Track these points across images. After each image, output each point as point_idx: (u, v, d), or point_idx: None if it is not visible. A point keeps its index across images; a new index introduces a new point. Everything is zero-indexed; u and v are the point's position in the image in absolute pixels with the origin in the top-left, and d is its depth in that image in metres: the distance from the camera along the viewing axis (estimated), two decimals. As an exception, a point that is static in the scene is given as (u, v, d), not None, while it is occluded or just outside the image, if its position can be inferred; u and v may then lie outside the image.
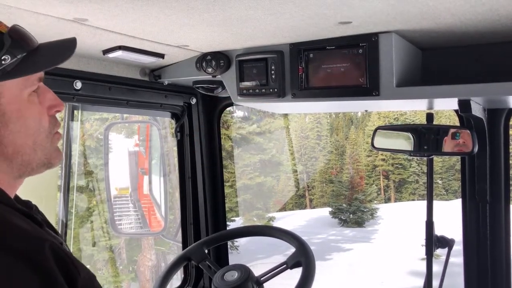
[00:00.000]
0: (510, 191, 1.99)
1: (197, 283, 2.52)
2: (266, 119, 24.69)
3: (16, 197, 1.11)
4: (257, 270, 1.87)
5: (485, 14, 1.38)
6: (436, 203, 2.04)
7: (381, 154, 31.08)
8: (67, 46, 1.09)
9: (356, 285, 17.48)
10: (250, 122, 23.82)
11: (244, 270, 1.77)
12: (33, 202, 1.15)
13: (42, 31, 1.44)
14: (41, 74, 1.07)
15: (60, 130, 1.15)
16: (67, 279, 0.91)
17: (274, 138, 26.19)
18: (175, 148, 2.58)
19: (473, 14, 1.38)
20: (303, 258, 1.79)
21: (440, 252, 2.04)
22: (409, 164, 31.59)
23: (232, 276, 1.76)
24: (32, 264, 0.87)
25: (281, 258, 1.90)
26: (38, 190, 1.20)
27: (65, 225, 2.15)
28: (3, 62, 0.97)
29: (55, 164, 1.11)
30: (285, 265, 1.83)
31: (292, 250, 1.87)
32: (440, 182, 29.97)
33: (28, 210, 1.04)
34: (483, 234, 1.99)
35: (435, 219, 1.99)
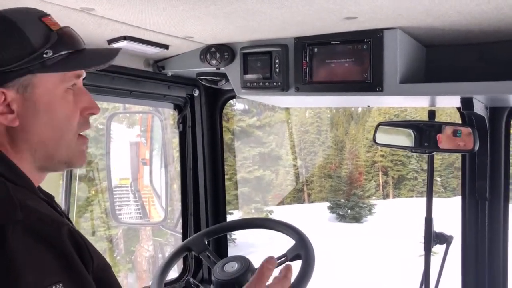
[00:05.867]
0: (509, 190, 2.00)
1: (196, 274, 2.54)
2: (266, 112, 24.68)
3: (39, 188, 1.14)
4: (257, 262, 1.88)
5: (490, 12, 1.39)
6: (434, 200, 2.05)
7: (381, 150, 31.06)
8: (109, 53, 1.16)
9: (353, 280, 17.55)
10: (250, 115, 23.81)
11: (244, 262, 1.78)
12: None
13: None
14: (79, 74, 1.12)
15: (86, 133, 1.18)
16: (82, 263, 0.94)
17: (273, 131, 26.20)
18: (174, 140, 2.59)
19: (478, 12, 1.39)
20: (303, 251, 1.80)
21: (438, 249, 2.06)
22: (408, 161, 31.57)
23: (232, 267, 1.77)
24: (52, 246, 0.90)
25: (280, 251, 1.91)
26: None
27: (67, 214, 2.16)
28: (44, 55, 1.03)
29: (76, 165, 1.15)
30: (284, 258, 1.84)
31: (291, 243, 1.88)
32: (438, 179, 29.98)
33: (49, 200, 1.08)
34: (481, 231, 2.00)
35: (433, 216, 2.01)
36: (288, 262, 1.67)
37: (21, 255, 0.87)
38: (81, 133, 1.14)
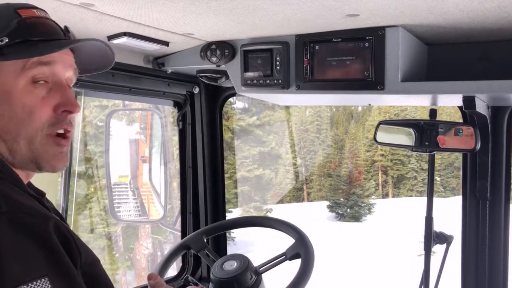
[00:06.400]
0: (510, 189, 1.99)
1: (195, 272, 2.53)
2: (266, 111, 24.65)
3: (29, 183, 1.12)
4: (256, 260, 1.87)
5: (493, 11, 1.38)
6: (433, 200, 2.04)
7: (381, 150, 31.06)
8: (71, 42, 1.08)
9: (352, 280, 17.56)
10: (250, 114, 23.79)
11: (243, 260, 1.77)
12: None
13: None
14: (46, 61, 1.04)
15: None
16: (68, 258, 0.92)
17: (273, 130, 26.17)
18: (174, 138, 2.57)
19: (481, 10, 1.38)
20: (302, 250, 1.79)
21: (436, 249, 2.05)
22: (408, 160, 31.55)
23: (231, 265, 1.76)
24: (38, 240, 0.88)
25: (279, 250, 1.91)
26: (40, 175, 1.19)
27: (65, 211, 2.15)
28: (0, 42, 0.99)
29: (45, 167, 1.06)
30: (284, 256, 1.83)
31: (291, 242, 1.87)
32: (438, 179, 29.93)
33: (38, 196, 1.05)
34: (482, 231, 1.99)
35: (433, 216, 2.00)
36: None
37: (6, 247, 0.85)
38: (58, 133, 1.06)
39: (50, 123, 1.04)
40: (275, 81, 1.84)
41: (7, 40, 0.99)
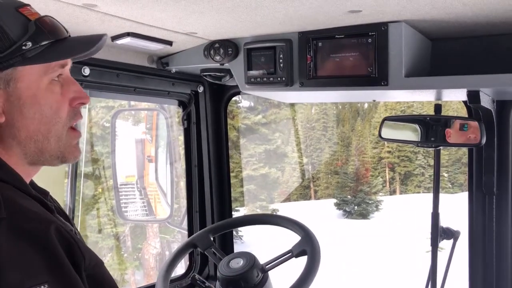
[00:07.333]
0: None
1: (202, 270, 2.54)
2: (271, 109, 24.64)
3: (32, 183, 1.12)
4: (263, 258, 1.88)
5: (497, 4, 1.37)
6: (441, 196, 2.03)
7: (387, 146, 30.96)
8: (93, 40, 1.09)
9: (360, 277, 17.54)
10: (255, 112, 23.79)
11: (250, 258, 1.78)
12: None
13: (51, 16, 1.44)
14: (64, 64, 1.07)
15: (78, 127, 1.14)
16: (71, 262, 0.91)
17: (279, 128, 26.15)
18: (180, 137, 2.58)
19: (484, 3, 1.37)
20: (308, 247, 1.79)
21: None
22: (415, 156, 31.39)
23: (238, 263, 1.76)
24: (38, 245, 0.88)
25: (285, 247, 1.91)
26: (46, 175, 1.20)
27: (72, 211, 2.16)
28: (23, 47, 0.99)
29: (69, 159, 1.11)
30: (290, 254, 1.83)
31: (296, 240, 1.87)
32: (446, 175, 29.77)
33: (42, 197, 1.05)
34: (489, 226, 1.98)
35: (439, 211, 1.99)
36: None
37: (5, 253, 0.85)
38: (73, 127, 1.10)
39: (70, 117, 1.09)
40: (279, 79, 1.84)
41: (30, 45, 1.00)
